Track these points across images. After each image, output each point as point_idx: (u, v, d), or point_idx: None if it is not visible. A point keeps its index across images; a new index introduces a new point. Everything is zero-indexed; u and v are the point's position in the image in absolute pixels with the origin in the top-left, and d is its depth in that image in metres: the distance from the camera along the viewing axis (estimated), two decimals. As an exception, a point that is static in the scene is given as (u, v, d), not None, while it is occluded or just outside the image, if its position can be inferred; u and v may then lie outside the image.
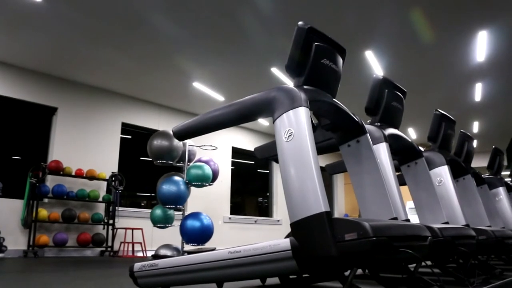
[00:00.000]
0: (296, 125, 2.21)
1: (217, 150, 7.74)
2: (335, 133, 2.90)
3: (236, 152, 12.06)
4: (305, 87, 2.47)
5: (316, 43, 2.53)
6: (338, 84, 2.75)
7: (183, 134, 2.92)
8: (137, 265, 2.90)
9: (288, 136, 2.21)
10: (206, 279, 2.67)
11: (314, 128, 2.33)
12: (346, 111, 2.71)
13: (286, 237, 2.15)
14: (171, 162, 6.21)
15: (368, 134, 2.79)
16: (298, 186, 2.12)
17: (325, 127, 2.86)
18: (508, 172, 10.91)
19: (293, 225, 2.10)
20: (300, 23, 2.54)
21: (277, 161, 2.37)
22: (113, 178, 8.78)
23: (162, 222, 6.12)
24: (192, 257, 2.59)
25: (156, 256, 5.62)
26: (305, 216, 2.04)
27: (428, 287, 2.59)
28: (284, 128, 2.25)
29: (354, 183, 2.83)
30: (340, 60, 2.76)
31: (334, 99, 2.67)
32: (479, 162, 7.93)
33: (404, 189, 3.60)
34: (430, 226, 2.77)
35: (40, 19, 6.44)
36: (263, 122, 11.15)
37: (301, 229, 2.06)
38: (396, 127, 3.51)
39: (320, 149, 3.03)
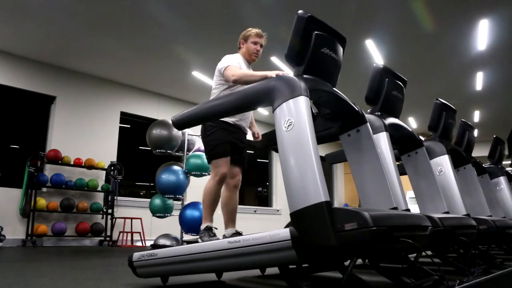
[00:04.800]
0: (296, 115, 2.19)
1: (216, 139, 7.70)
2: (335, 122, 2.88)
3: (236, 142, 12.02)
4: (305, 76, 2.45)
5: (316, 32, 2.51)
6: (338, 73, 2.72)
7: (183, 123, 2.90)
8: (136, 255, 2.90)
9: (288, 125, 2.19)
10: (206, 269, 2.67)
11: (314, 117, 2.31)
12: (346, 100, 2.69)
13: (286, 227, 2.14)
14: (170, 152, 6.19)
15: (368, 124, 2.77)
16: (298, 176, 2.10)
17: (325, 116, 2.84)
18: (509, 162, 10.93)
19: (293, 215, 2.09)
20: (299, 11, 2.50)
21: (277, 151, 2.35)
22: (112, 168, 8.76)
23: (161, 212, 6.12)
24: (191, 247, 2.58)
25: (155, 246, 5.62)
26: (305, 206, 2.03)
27: (428, 277, 2.59)
28: (284, 117, 2.23)
29: (354, 172, 2.81)
30: (340, 49, 2.74)
31: (334, 88, 2.65)
32: (480, 152, 7.89)
33: (404, 178, 3.58)
34: (430, 216, 2.76)
35: (39, 8, 6.36)
36: (262, 111, 11.10)
37: (301, 219, 2.05)
38: (397, 117, 3.50)
39: (320, 139, 3.01)
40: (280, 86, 2.34)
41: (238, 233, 3.39)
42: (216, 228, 3.45)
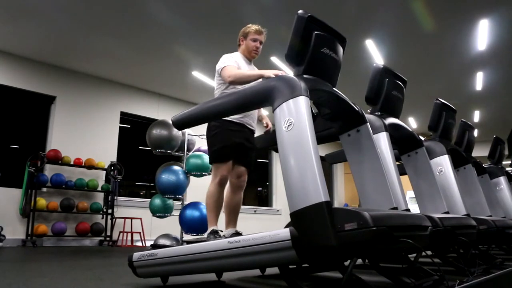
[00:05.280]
0: (296, 115, 2.19)
1: (216, 139, 7.70)
2: (335, 122, 2.88)
3: (236, 142, 11.99)
4: (305, 76, 2.44)
5: (316, 32, 2.50)
6: (338, 73, 2.72)
7: (183, 123, 2.90)
8: (136, 255, 2.90)
9: (288, 125, 2.19)
10: (206, 269, 2.66)
11: (314, 117, 2.30)
12: (346, 100, 2.69)
13: (286, 227, 2.14)
14: (170, 152, 6.19)
15: (368, 124, 2.77)
16: (298, 176, 2.10)
17: (325, 116, 2.84)
18: (509, 162, 10.91)
19: (292, 215, 2.09)
20: (299, 11, 2.50)
21: (277, 151, 2.35)
22: (112, 168, 8.76)
23: (161, 212, 6.11)
24: (191, 247, 2.58)
25: (155, 246, 5.62)
26: (304, 206, 2.03)
27: (428, 277, 2.58)
28: (284, 117, 2.23)
29: (354, 172, 2.81)
30: (340, 49, 2.73)
31: (334, 88, 2.64)
32: (480, 152, 7.88)
33: (404, 178, 3.58)
34: (430, 216, 2.76)
35: (39, 8, 6.36)
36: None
37: (300, 219, 2.04)
38: (397, 117, 3.49)
39: (320, 139, 3.01)
40: (280, 86, 2.33)
41: (238, 233, 3.39)
42: (221, 231, 3.44)
